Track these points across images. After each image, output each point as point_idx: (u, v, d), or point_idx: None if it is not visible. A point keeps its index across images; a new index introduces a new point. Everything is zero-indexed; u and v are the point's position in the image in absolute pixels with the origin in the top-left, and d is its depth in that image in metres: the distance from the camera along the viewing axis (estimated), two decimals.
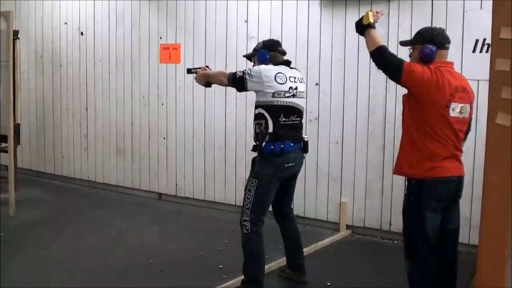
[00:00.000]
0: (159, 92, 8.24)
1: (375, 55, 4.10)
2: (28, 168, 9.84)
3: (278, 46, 5.10)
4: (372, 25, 4.19)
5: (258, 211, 4.77)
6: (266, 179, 4.77)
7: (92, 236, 6.59)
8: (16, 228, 6.87)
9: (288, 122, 4.82)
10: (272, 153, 4.74)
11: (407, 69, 3.95)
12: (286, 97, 4.78)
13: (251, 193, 4.77)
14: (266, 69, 4.78)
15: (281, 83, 4.75)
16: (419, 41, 4.17)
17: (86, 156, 9.20)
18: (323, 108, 6.90)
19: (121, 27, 8.56)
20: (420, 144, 4.02)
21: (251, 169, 4.95)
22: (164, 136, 8.30)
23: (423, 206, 4.02)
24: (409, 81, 3.97)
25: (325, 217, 7.00)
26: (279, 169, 4.82)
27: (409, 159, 4.09)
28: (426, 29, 4.32)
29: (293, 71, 5.01)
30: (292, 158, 4.87)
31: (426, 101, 3.95)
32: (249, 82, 4.71)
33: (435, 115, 3.96)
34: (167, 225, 7.07)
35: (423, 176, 4.01)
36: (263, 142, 4.77)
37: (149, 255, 5.91)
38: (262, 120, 4.78)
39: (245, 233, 4.76)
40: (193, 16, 7.81)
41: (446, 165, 4.05)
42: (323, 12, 6.79)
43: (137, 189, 8.68)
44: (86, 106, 9.10)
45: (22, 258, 5.82)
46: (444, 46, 4.16)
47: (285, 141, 4.77)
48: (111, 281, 5.25)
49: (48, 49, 9.49)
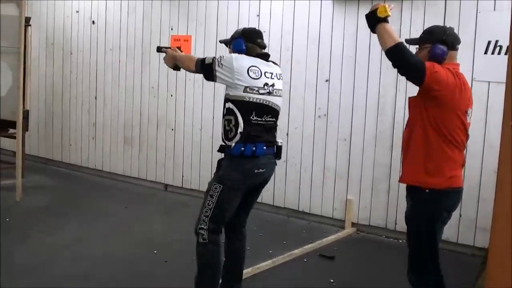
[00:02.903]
0: (168, 83, 8.24)
1: (394, 53, 3.67)
2: (35, 155, 9.87)
3: (258, 38, 4.47)
4: (387, 19, 3.76)
5: (217, 220, 4.23)
6: (231, 185, 4.20)
7: (97, 225, 6.61)
8: (23, 214, 6.90)
9: (261, 122, 4.24)
10: (242, 156, 4.16)
11: (431, 70, 3.62)
12: (260, 94, 4.20)
13: (212, 199, 4.19)
14: (239, 59, 4.20)
15: (254, 77, 4.17)
16: (429, 40, 3.90)
17: (94, 144, 9.22)
18: (332, 105, 6.89)
19: (132, 17, 8.57)
20: (439, 150, 3.75)
21: (216, 172, 4.33)
22: (172, 127, 8.30)
23: (436, 218, 3.84)
24: (433, 83, 3.63)
25: (330, 214, 6.99)
26: (248, 175, 4.23)
27: (426, 167, 3.77)
28: (437, 28, 4.03)
29: (270, 66, 4.40)
30: (264, 163, 4.28)
31: (448, 105, 3.71)
32: (218, 72, 4.16)
33: (455, 120, 3.75)
34: (172, 216, 7.09)
35: (442, 186, 3.76)
36: (232, 142, 4.19)
37: (154, 246, 5.93)
38: (232, 116, 4.20)
39: (202, 243, 4.21)
40: (205, 8, 7.81)
41: (459, 174, 3.90)
42: (335, 8, 6.77)
43: (144, 180, 8.69)
44: (95, 95, 9.11)
45: (28, 243, 5.84)
46: (455, 47, 3.93)
47: (257, 143, 4.19)
48: (115, 269, 5.27)
49: (59, 37, 9.50)
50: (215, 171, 4.36)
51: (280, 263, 5.61)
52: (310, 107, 7.02)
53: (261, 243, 6.14)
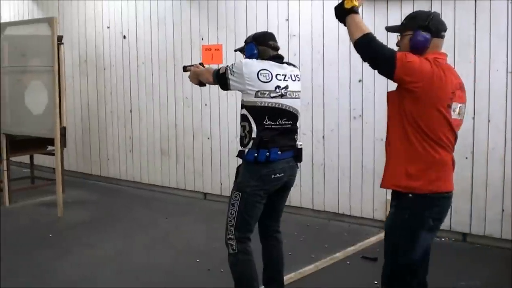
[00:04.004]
0: (202, 93, 8.26)
1: (361, 44, 3.38)
2: (74, 170, 10.00)
3: (269, 40, 4.38)
4: (355, 10, 3.44)
5: (243, 228, 4.20)
6: (250, 192, 4.15)
7: (138, 236, 6.65)
8: (64, 229, 6.99)
9: (275, 126, 4.15)
10: (256, 162, 4.11)
11: (402, 60, 3.24)
12: (271, 98, 4.10)
13: (234, 208, 4.18)
14: (248, 64, 4.14)
15: (264, 81, 4.08)
16: (410, 26, 3.47)
17: (131, 157, 9.29)
18: (366, 105, 6.84)
19: (163, 29, 8.63)
20: (422, 151, 3.33)
21: (235, 180, 4.32)
22: (208, 136, 8.32)
23: (419, 226, 3.40)
24: (405, 75, 3.25)
25: (371, 215, 6.94)
26: (265, 181, 4.16)
27: (407, 169, 3.37)
28: (419, 13, 3.57)
29: (284, 68, 4.27)
30: (281, 168, 4.19)
31: (426, 99, 3.27)
32: (231, 80, 4.14)
33: (437, 116, 3.30)
34: (212, 224, 7.09)
35: (427, 191, 3.34)
36: (246, 148, 4.16)
37: (196, 255, 5.94)
38: (246, 122, 4.16)
39: (232, 253, 4.23)
40: (234, 16, 7.82)
41: (447, 178, 3.43)
42: (364, 8, 6.71)
43: (182, 189, 8.73)
44: (130, 108, 9.19)
45: (71, 258, 5.90)
46: (440, 34, 3.46)
47: (271, 148, 4.10)
48: (159, 280, 5.30)
49: (91, 53, 9.61)
50: (235, 178, 4.34)
51: (323, 267, 5.57)
52: (345, 108, 6.98)
53: (303, 248, 6.13)
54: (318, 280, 5.30)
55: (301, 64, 7.00)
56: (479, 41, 6.01)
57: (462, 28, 6.05)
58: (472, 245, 6.21)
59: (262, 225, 4.50)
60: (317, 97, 7.16)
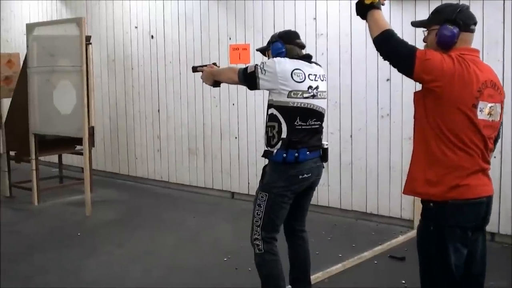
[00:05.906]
0: (229, 92, 8.28)
1: (380, 42, 3.19)
2: (102, 170, 10.06)
3: (295, 38, 4.34)
4: (376, 5, 3.21)
5: (269, 229, 4.20)
6: (277, 192, 4.13)
7: (166, 236, 6.69)
8: (93, 228, 7.05)
9: (305, 127, 4.12)
10: (284, 163, 4.08)
11: (421, 58, 3.03)
12: (304, 98, 4.07)
13: (261, 208, 4.18)
14: (281, 62, 4.07)
15: (298, 81, 4.04)
16: (436, 20, 3.23)
17: (159, 157, 9.34)
18: (394, 104, 6.80)
19: (190, 28, 8.65)
20: (440, 155, 3.10)
21: (261, 180, 4.29)
22: (236, 135, 8.34)
23: (447, 237, 3.10)
24: (424, 74, 3.05)
25: (399, 215, 6.90)
26: (293, 182, 4.14)
27: (425, 175, 3.16)
28: (446, 6, 3.31)
29: (313, 68, 4.23)
30: (308, 168, 4.16)
31: (447, 100, 3.04)
32: (261, 79, 4.05)
33: (459, 117, 3.05)
34: (240, 223, 7.08)
35: (445, 198, 3.08)
36: (275, 149, 4.12)
37: (224, 254, 5.95)
38: (275, 122, 4.10)
39: (258, 253, 4.23)
40: (262, 15, 7.82)
41: (474, 183, 3.11)
42: (392, 7, 6.69)
43: (210, 189, 8.76)
44: (158, 108, 9.23)
45: (99, 257, 5.96)
46: (469, 28, 3.20)
47: (300, 148, 4.07)
48: (187, 279, 5.32)
49: (119, 53, 9.67)
50: (260, 178, 4.32)
51: (350, 267, 5.56)
52: (373, 107, 6.95)
53: (330, 247, 6.12)
54: (346, 279, 5.28)
55: (328, 64, 6.99)
56: (508, 40, 5.95)
57: (490, 27, 5.99)
58: (501, 244, 6.15)
59: (288, 225, 4.48)
60: (344, 97, 7.14)
